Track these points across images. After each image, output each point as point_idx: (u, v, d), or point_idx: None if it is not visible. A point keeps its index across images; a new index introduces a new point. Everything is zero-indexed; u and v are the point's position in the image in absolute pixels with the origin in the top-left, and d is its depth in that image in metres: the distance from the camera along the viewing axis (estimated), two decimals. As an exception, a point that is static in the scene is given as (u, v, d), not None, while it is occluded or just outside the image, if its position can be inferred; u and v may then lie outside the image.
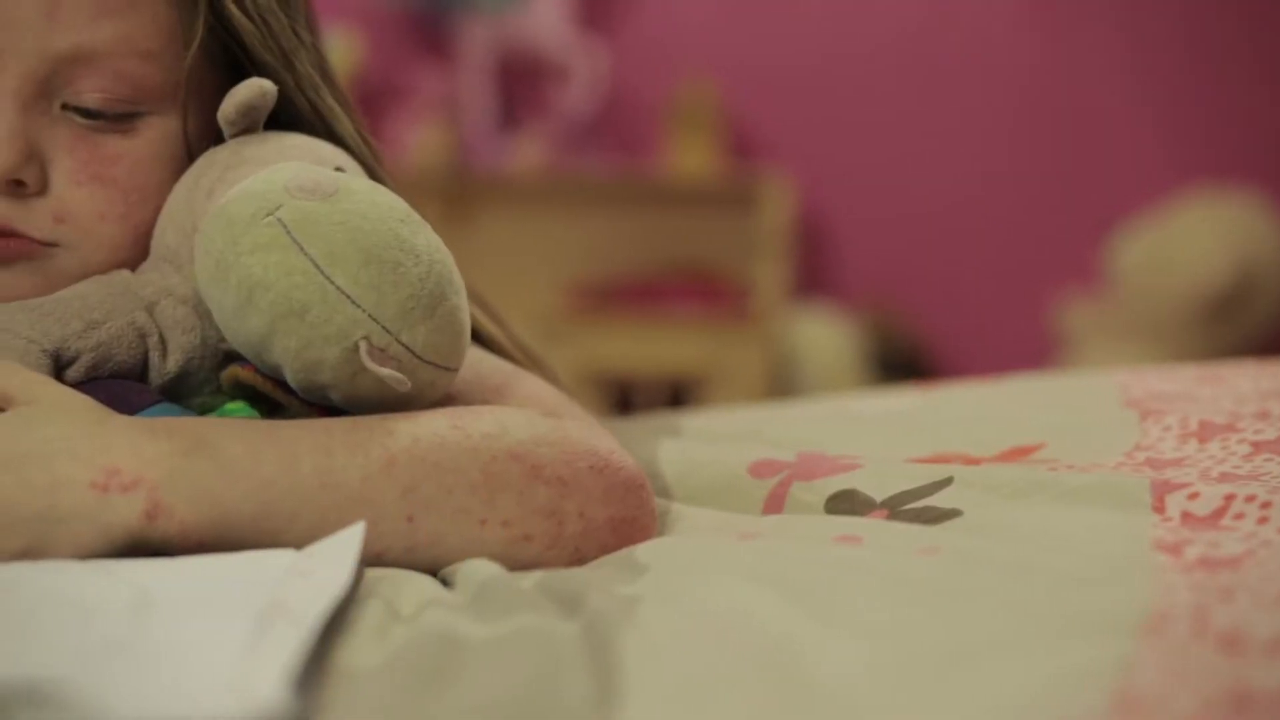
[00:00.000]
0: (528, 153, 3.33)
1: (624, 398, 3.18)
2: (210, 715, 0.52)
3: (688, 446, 1.03)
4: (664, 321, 3.21)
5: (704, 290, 3.32)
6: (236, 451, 0.79)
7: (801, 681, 0.57)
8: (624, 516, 0.85)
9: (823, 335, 3.36)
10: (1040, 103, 3.51)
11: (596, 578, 0.73)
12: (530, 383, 0.96)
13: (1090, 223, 3.48)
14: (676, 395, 3.16)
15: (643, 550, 0.79)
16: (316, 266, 0.81)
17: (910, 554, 0.73)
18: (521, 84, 3.48)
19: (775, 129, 3.54)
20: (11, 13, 0.87)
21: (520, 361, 0.99)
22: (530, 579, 0.76)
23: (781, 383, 3.25)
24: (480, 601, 0.71)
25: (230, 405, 0.89)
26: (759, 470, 0.95)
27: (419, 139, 3.32)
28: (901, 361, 3.43)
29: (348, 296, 0.81)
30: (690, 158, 3.38)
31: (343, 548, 0.73)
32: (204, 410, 0.89)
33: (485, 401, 0.92)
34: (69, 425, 0.79)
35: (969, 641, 0.59)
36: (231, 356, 0.89)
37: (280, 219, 0.82)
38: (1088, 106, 3.49)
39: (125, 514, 0.77)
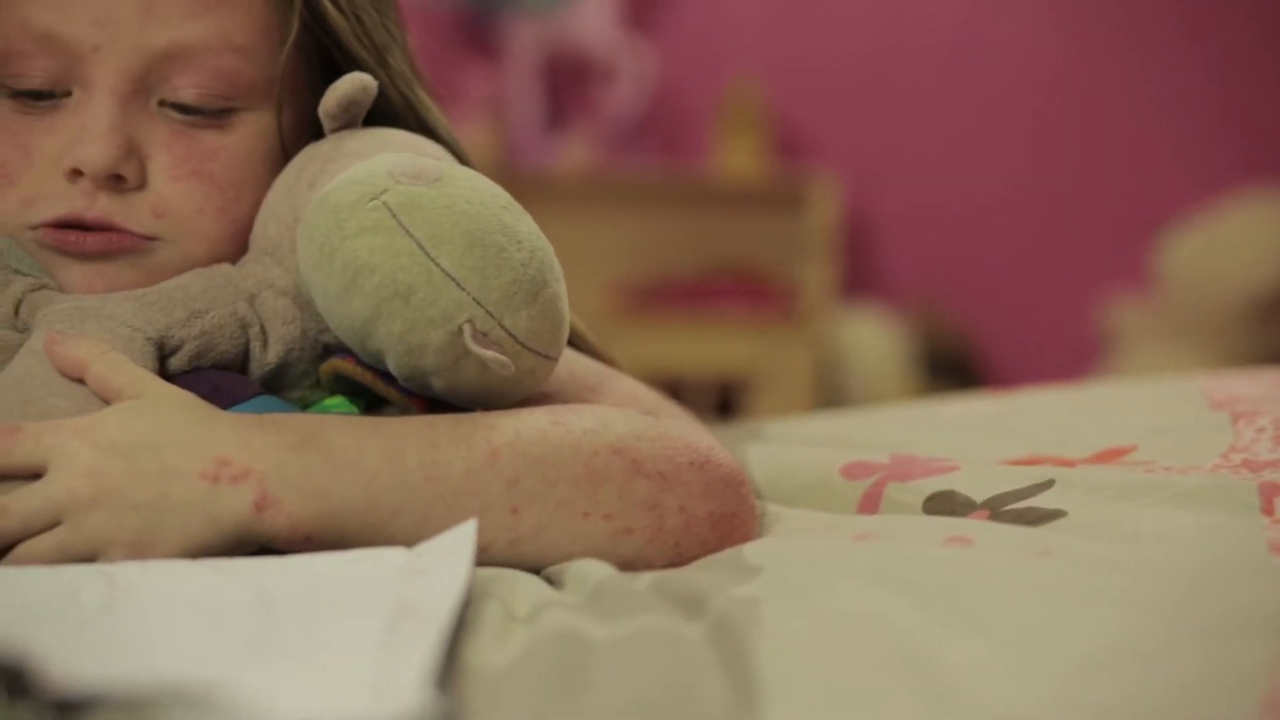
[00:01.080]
0: (575, 153, 3.33)
1: (671, 398, 3.17)
2: (361, 717, 0.52)
3: (776, 450, 1.03)
4: (711, 322, 3.21)
5: (751, 290, 3.31)
6: (343, 445, 0.79)
7: (944, 687, 0.57)
8: (724, 512, 0.85)
9: (870, 336, 3.35)
10: (1088, 101, 3.50)
11: (712, 579, 0.73)
12: (624, 382, 0.96)
13: (1138, 223, 3.46)
14: (724, 396, 3.16)
15: (751, 551, 0.78)
16: (422, 249, 0.81)
17: (1025, 555, 0.73)
18: (569, 84, 3.48)
19: (821, 128, 3.54)
20: (109, 10, 0.88)
21: (612, 361, 0.99)
22: (644, 580, 0.76)
23: (829, 383, 3.24)
24: (597, 602, 0.71)
25: (329, 400, 0.90)
26: (852, 471, 0.95)
27: (466, 139, 3.32)
28: (949, 362, 3.42)
29: (453, 279, 0.81)
30: (737, 158, 3.38)
31: (455, 546, 0.73)
32: (303, 404, 0.90)
33: (581, 399, 0.92)
34: (178, 417, 0.79)
35: (1107, 644, 0.59)
36: (330, 349, 0.90)
37: (385, 203, 0.82)
38: (1136, 105, 3.48)
39: (235, 505, 0.77)
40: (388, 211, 0.81)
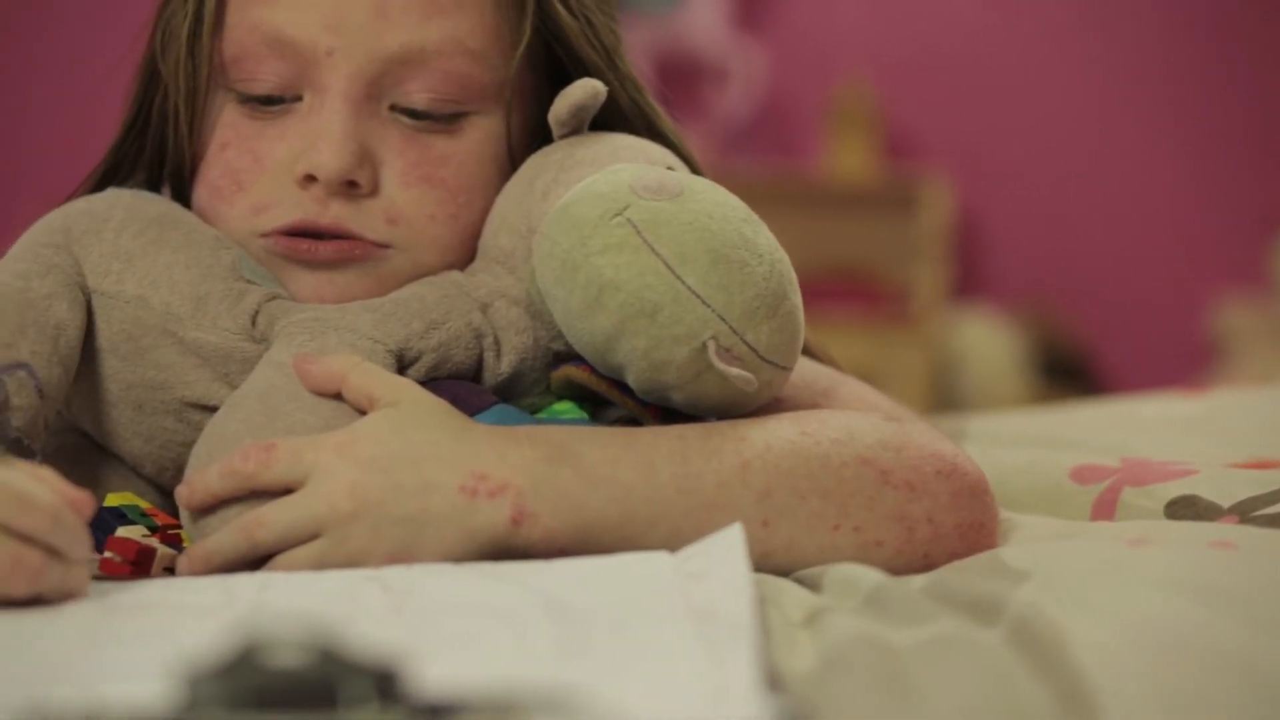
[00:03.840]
0: (685, 154, 3.32)
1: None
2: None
3: (993, 452, 1.01)
4: (823, 323, 3.18)
5: (863, 292, 3.30)
6: (597, 459, 0.79)
7: (1276, 689, 0.56)
8: (971, 521, 0.84)
9: (984, 337, 3.33)
10: (1201, 102, 3.46)
11: (986, 583, 0.72)
12: (855, 386, 0.95)
13: (1251, 224, 3.42)
14: (838, 398, 3.14)
15: (1013, 556, 0.77)
16: (668, 267, 0.80)
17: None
18: (679, 85, 3.48)
19: (931, 128, 3.52)
20: (343, 14, 0.88)
21: (835, 364, 0.99)
22: (916, 584, 0.75)
23: (943, 386, 3.22)
24: (879, 607, 0.70)
25: (558, 405, 0.89)
26: (1081, 475, 0.94)
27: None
28: (1062, 364, 3.39)
29: (698, 296, 0.80)
30: (848, 159, 3.36)
31: (726, 550, 0.73)
32: (533, 411, 0.89)
33: (814, 405, 0.91)
34: (435, 430, 0.79)
35: None
36: (561, 357, 0.89)
37: (630, 219, 0.81)
38: (1250, 106, 3.43)
39: (492, 519, 0.77)
40: (632, 228, 0.81)
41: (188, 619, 0.66)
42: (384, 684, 0.49)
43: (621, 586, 0.70)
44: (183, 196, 0.94)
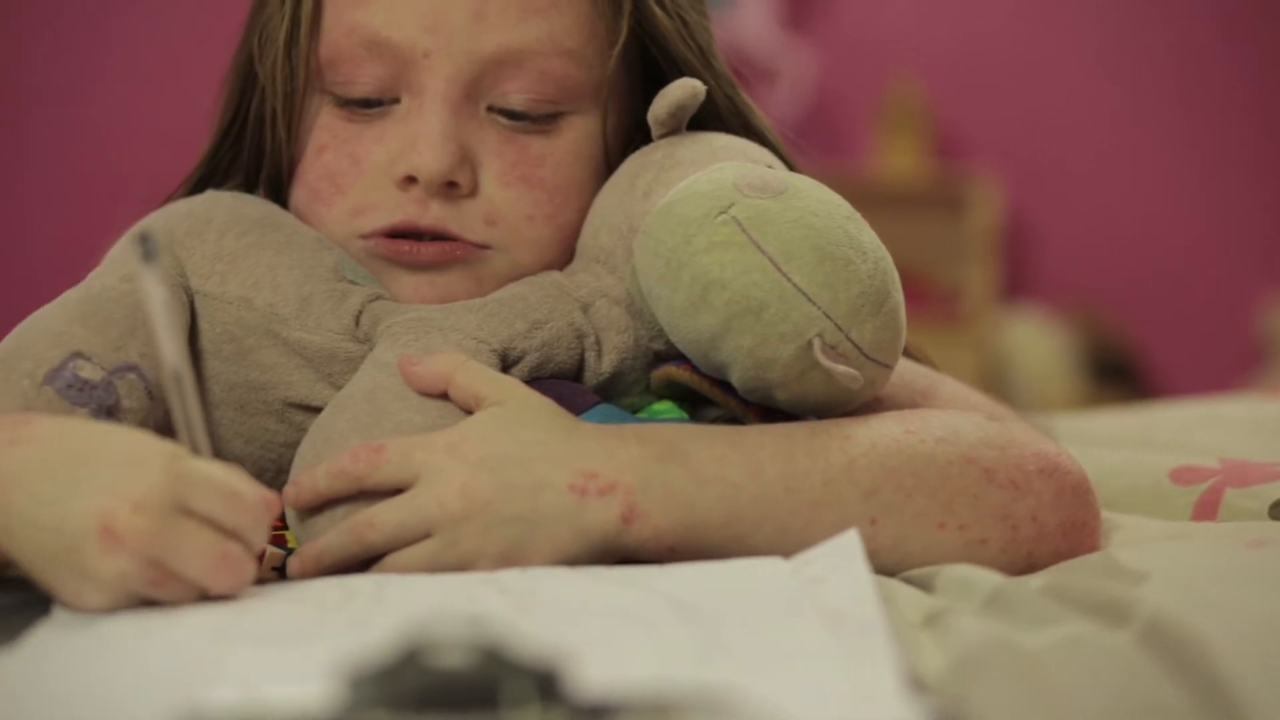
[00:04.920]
0: (734, 155, 3.32)
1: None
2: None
3: (1089, 451, 1.01)
4: (873, 324, 3.19)
5: (913, 292, 3.27)
6: (705, 457, 0.79)
7: None
8: (1075, 520, 0.83)
9: (1034, 338, 3.32)
10: (1248, 103, 3.44)
11: (1107, 585, 0.72)
12: (954, 385, 0.95)
13: (1302, 224, 3.40)
14: (888, 398, 3.13)
15: (1127, 556, 0.77)
16: (774, 265, 0.80)
17: None
18: (728, 86, 3.47)
19: (980, 129, 3.51)
20: (440, 16, 0.88)
21: (931, 363, 0.98)
22: (1033, 584, 0.74)
23: (992, 386, 3.21)
24: (1001, 609, 0.70)
25: (658, 405, 0.89)
26: (1182, 476, 0.94)
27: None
28: (1111, 365, 3.38)
29: (804, 294, 0.80)
30: (898, 159, 3.36)
31: (844, 553, 0.73)
32: (632, 410, 0.89)
33: (914, 405, 0.91)
34: (543, 429, 0.79)
35: None
36: (660, 357, 0.89)
37: (734, 217, 0.81)
38: (1302, 104, 3.42)
39: (603, 517, 0.77)
40: (737, 226, 0.81)
41: (318, 616, 0.66)
42: (545, 684, 0.49)
43: (744, 589, 0.70)
44: (280, 199, 0.94)
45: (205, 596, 0.68)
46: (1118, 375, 3.35)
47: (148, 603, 0.68)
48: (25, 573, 0.70)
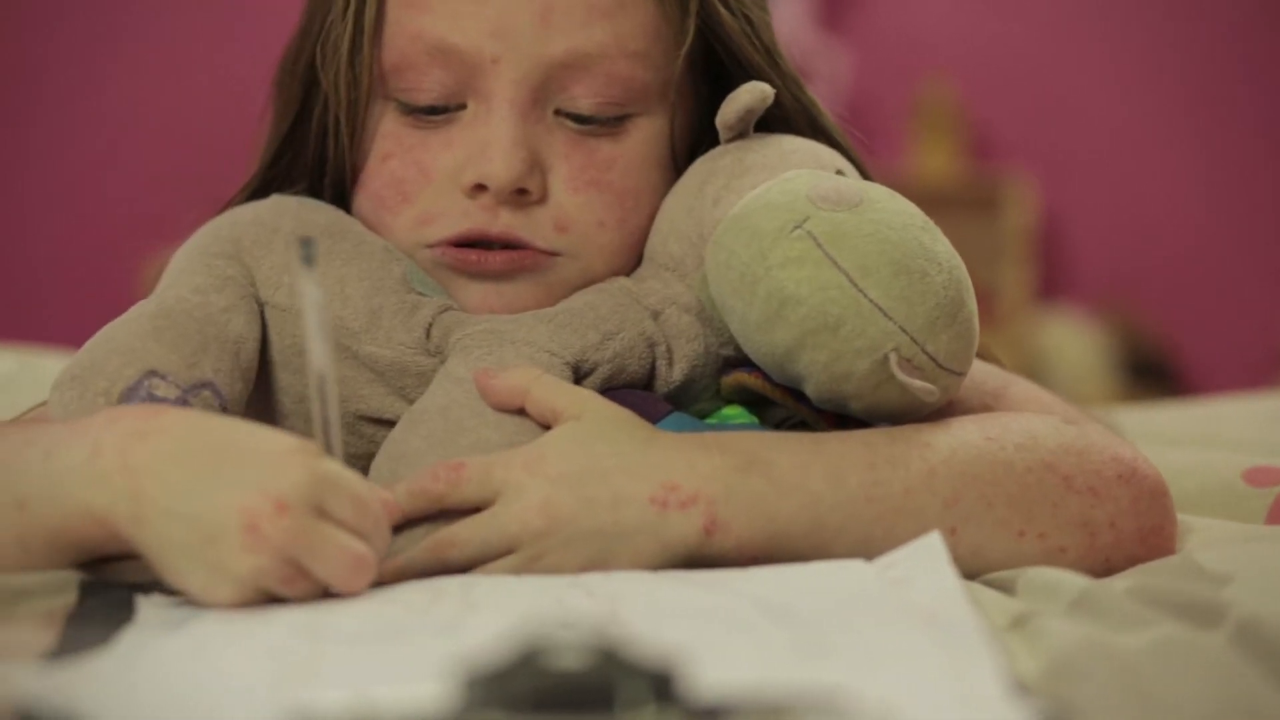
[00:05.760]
0: (768, 155, 3.32)
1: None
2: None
3: (1162, 451, 1.00)
4: (908, 324, 3.18)
5: (948, 293, 3.28)
6: (786, 467, 0.79)
7: None
8: (1152, 526, 0.83)
9: (1070, 338, 3.31)
10: (1285, 101, 3.43)
11: (1192, 587, 0.72)
12: (1025, 386, 0.95)
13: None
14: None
15: (1208, 559, 0.77)
16: (850, 281, 0.80)
17: None
18: (762, 87, 3.47)
19: (1014, 129, 3.50)
20: (506, 21, 0.87)
21: (999, 362, 0.98)
22: (1118, 586, 0.74)
23: (1028, 386, 3.20)
24: (1091, 611, 0.69)
25: (727, 410, 0.89)
26: (1256, 478, 0.93)
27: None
28: (1147, 364, 3.37)
29: (880, 309, 0.80)
30: (932, 159, 3.35)
31: (927, 555, 0.72)
32: (702, 416, 0.89)
33: (985, 407, 0.91)
34: (622, 442, 0.79)
35: None
36: (730, 363, 0.89)
37: (810, 231, 0.81)
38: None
39: (685, 529, 0.77)
40: (813, 241, 0.81)
41: (407, 617, 0.66)
42: (661, 686, 0.49)
43: (830, 591, 0.70)
44: (344, 205, 0.93)
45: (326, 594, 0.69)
46: (1153, 374, 3.34)
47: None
48: (147, 564, 0.70)
